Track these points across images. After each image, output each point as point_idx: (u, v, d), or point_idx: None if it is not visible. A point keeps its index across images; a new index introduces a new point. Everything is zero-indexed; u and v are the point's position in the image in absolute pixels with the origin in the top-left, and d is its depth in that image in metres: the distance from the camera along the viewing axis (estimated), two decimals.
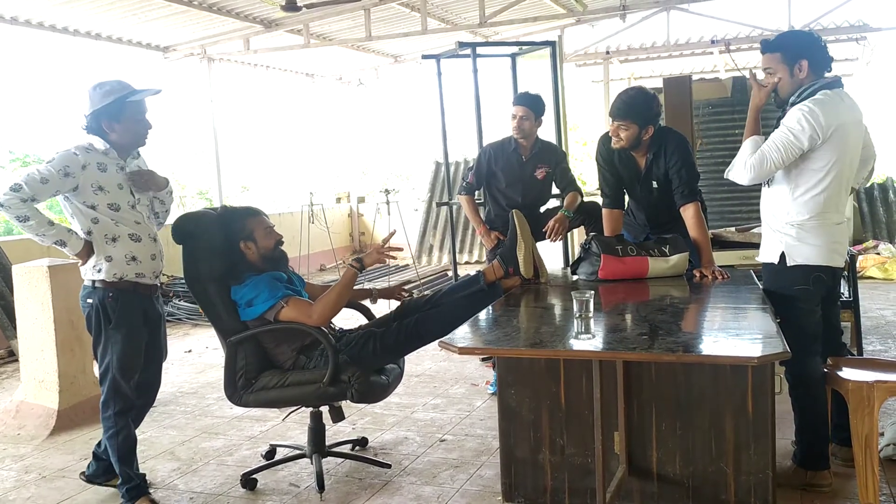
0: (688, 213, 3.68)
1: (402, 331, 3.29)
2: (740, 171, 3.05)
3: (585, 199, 4.60)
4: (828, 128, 2.87)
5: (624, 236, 3.93)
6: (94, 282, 3.08)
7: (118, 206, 3.08)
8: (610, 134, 3.72)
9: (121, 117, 3.07)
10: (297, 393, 3.21)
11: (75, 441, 3.70)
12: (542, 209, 4.72)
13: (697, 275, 3.53)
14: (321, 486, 3.26)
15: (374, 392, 3.28)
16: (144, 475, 3.24)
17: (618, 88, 13.22)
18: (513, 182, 4.58)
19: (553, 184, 4.70)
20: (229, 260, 3.35)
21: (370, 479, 3.40)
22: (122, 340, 3.07)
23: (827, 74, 3.02)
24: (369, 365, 3.26)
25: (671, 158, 3.69)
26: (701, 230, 3.65)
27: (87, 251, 3.06)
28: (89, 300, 3.09)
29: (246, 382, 3.27)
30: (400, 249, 3.52)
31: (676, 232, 3.72)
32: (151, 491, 3.35)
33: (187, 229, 3.32)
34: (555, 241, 4.38)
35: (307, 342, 3.30)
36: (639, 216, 4.06)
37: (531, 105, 4.47)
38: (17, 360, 5.50)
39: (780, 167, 2.96)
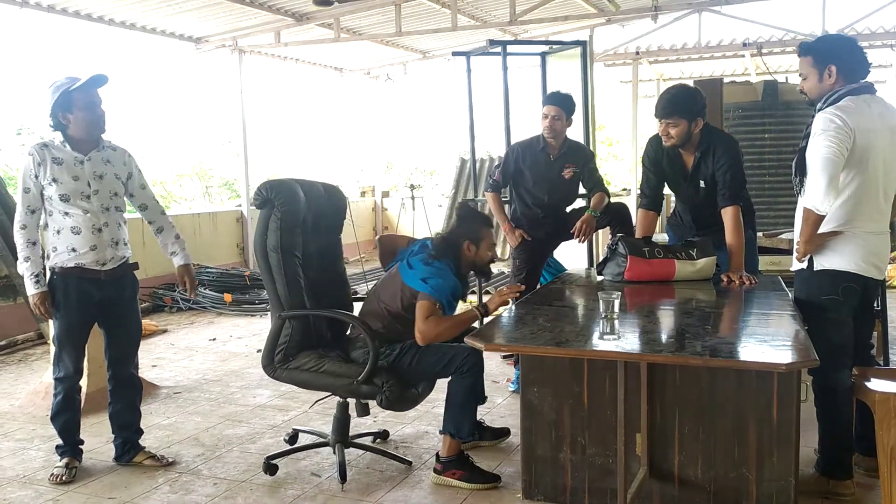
0: (727, 215, 3.67)
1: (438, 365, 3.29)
2: (816, 192, 2.81)
3: (612, 199, 4.60)
4: (853, 132, 2.84)
5: (669, 238, 3.92)
6: (49, 266, 3.41)
7: (68, 196, 3.30)
8: (659, 134, 3.72)
9: (72, 108, 3.29)
10: (330, 382, 3.25)
11: (103, 423, 3.77)
12: (569, 209, 4.72)
13: (725, 279, 3.52)
14: (343, 476, 3.30)
15: (403, 402, 3.28)
16: (77, 441, 3.54)
17: (646, 89, 13.15)
18: (539, 181, 4.58)
19: (580, 184, 4.70)
20: (323, 235, 3.45)
21: (391, 472, 3.43)
22: (60, 318, 3.40)
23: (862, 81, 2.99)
24: (401, 376, 3.25)
25: (720, 160, 3.68)
26: (736, 234, 3.64)
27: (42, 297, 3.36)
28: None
29: (283, 358, 3.31)
30: (521, 289, 3.42)
31: (723, 234, 3.70)
32: (176, 474, 3.45)
33: (264, 196, 3.30)
34: (582, 241, 4.37)
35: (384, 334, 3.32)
36: (685, 217, 4.04)
37: (564, 105, 4.45)
38: (46, 343, 5.61)
39: (844, 157, 2.83)
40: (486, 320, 3.30)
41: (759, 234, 5.05)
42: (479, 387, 3.28)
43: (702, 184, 3.78)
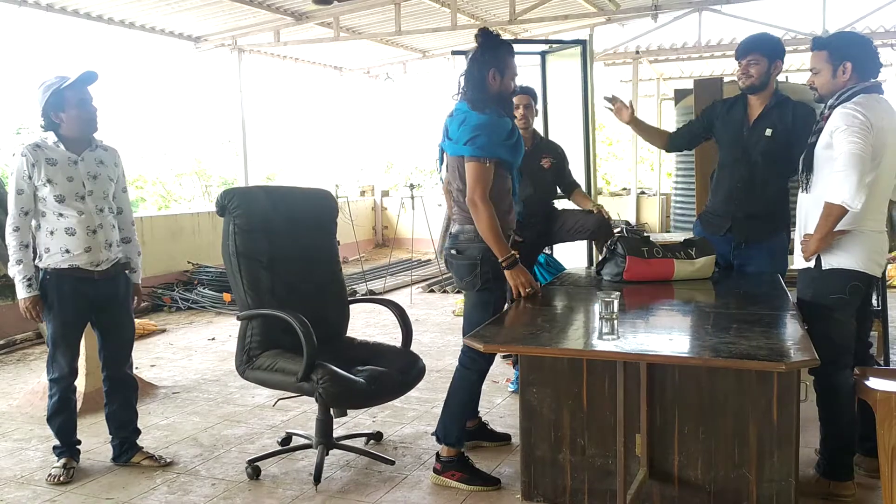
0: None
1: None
2: (847, 189, 2.76)
3: (610, 197, 4.53)
4: (873, 128, 2.83)
5: (694, 235, 3.87)
6: (42, 267, 3.37)
7: (63, 197, 3.29)
8: (738, 76, 3.67)
9: (64, 106, 3.28)
10: (280, 380, 3.27)
11: (101, 423, 3.75)
12: (556, 204, 4.59)
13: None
14: (317, 478, 3.28)
15: (343, 398, 3.22)
16: (74, 441, 3.52)
17: (647, 88, 13.15)
18: (522, 173, 4.43)
19: (557, 181, 4.50)
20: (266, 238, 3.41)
21: (390, 472, 3.42)
22: (53, 318, 3.36)
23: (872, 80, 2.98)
24: (339, 375, 3.21)
25: (807, 122, 3.48)
26: None
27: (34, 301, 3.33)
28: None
29: (248, 358, 3.38)
30: (537, 290, 3.28)
31: (764, 226, 3.67)
32: (174, 475, 3.44)
33: (221, 203, 3.43)
34: (605, 215, 4.10)
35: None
36: (724, 196, 3.79)
37: (533, 94, 4.36)
38: (44, 343, 5.60)
39: (869, 153, 2.81)
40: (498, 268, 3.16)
41: None
42: (474, 392, 3.30)
43: (768, 132, 3.61)
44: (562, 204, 4.59)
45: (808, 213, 3.06)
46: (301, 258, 3.56)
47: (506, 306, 3.31)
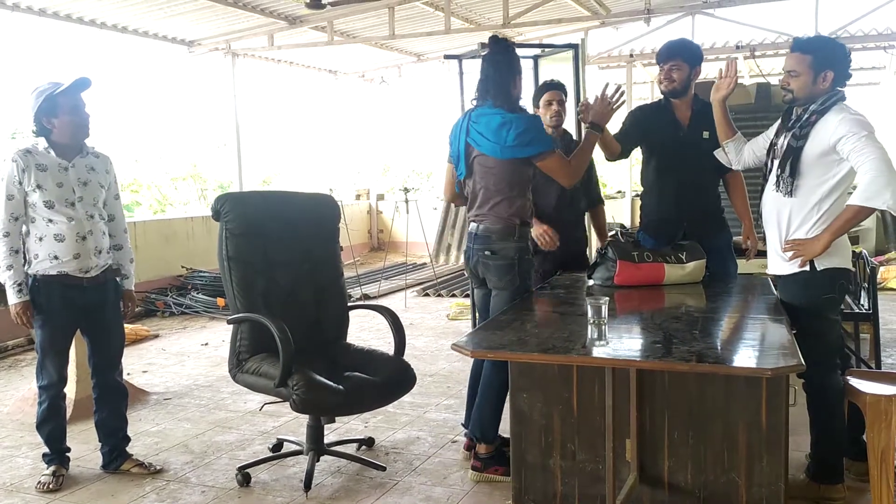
0: (736, 179, 3.90)
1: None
2: (885, 191, 2.76)
3: (607, 200, 4.47)
4: None
5: (644, 242, 3.87)
6: (30, 274, 3.35)
7: (52, 203, 3.28)
8: (659, 81, 3.77)
9: (57, 112, 3.27)
10: (263, 384, 3.27)
11: (91, 430, 3.74)
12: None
13: (744, 244, 3.85)
14: (307, 485, 3.27)
15: (318, 405, 3.21)
16: (64, 449, 3.51)
17: (641, 91, 13.16)
18: (549, 178, 4.28)
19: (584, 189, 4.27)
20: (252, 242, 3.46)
21: (381, 479, 3.41)
22: (42, 325, 3.34)
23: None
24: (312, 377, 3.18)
25: None
26: (746, 196, 3.88)
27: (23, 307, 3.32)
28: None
29: (237, 361, 3.40)
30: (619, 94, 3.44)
31: (714, 217, 3.81)
32: (164, 482, 3.43)
33: (214, 208, 3.48)
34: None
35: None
36: (667, 192, 3.83)
37: (564, 90, 4.17)
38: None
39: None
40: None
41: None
42: (507, 383, 3.20)
43: (706, 134, 3.68)
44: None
45: (791, 216, 3.05)
46: (300, 263, 3.58)
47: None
